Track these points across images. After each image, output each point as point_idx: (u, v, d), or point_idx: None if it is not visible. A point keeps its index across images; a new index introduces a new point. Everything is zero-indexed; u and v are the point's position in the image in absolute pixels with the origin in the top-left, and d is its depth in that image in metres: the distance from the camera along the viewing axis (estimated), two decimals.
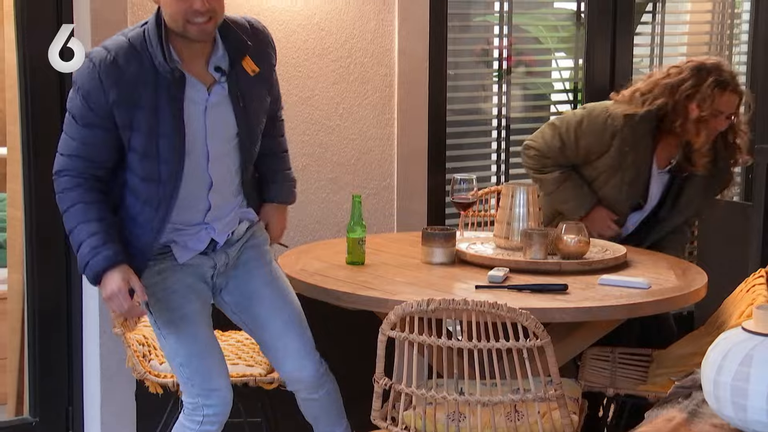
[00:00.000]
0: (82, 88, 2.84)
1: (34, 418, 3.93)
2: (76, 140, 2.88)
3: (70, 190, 2.89)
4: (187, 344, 3.01)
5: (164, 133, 2.87)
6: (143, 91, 2.83)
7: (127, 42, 2.86)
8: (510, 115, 4.77)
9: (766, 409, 1.77)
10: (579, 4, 4.88)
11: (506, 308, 2.75)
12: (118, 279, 2.84)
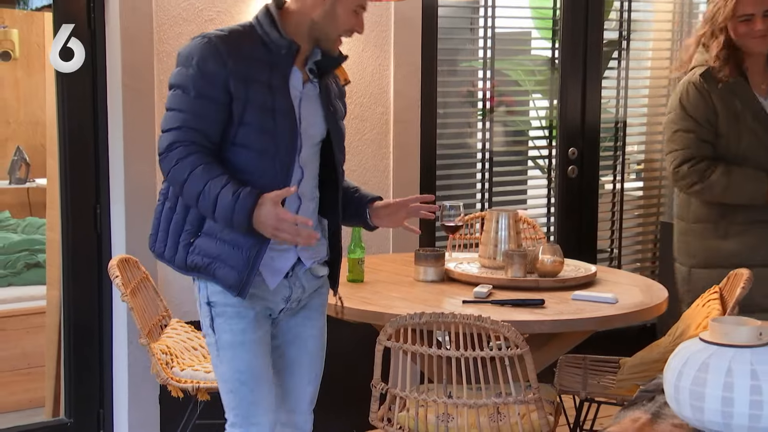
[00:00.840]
0: (198, 58, 2.51)
1: (69, 420, 3.92)
2: (186, 112, 2.53)
3: (185, 158, 2.51)
4: (240, 372, 2.67)
5: (280, 109, 2.57)
6: (258, 66, 2.56)
7: (239, 27, 2.63)
8: (493, 149, 4.77)
9: (720, 411, 1.77)
10: (553, 51, 4.90)
11: (489, 321, 2.75)
12: (270, 207, 2.47)
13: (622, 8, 5.05)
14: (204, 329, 2.73)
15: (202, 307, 2.70)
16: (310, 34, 2.62)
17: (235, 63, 2.52)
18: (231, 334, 2.67)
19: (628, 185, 5.28)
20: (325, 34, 2.62)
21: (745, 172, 3.48)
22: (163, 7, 3.76)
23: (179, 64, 2.57)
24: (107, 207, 3.82)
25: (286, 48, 2.59)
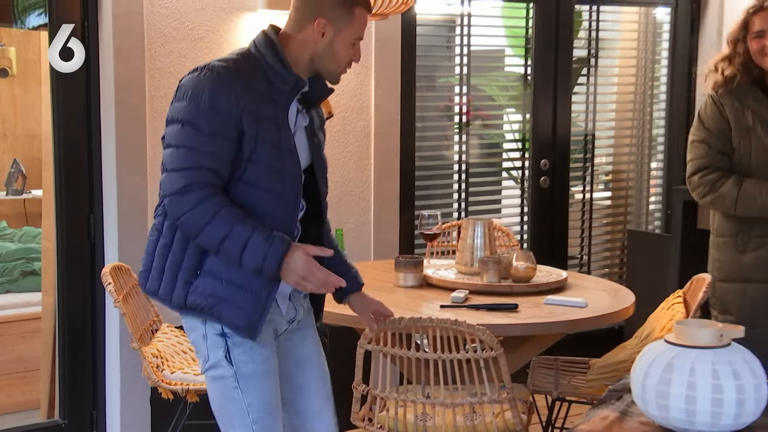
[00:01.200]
0: (210, 94, 2.33)
1: (63, 421, 3.89)
2: (200, 152, 2.32)
3: (205, 200, 2.31)
4: (263, 401, 2.49)
5: (285, 146, 2.43)
6: (265, 102, 2.40)
7: (240, 57, 2.44)
8: (468, 161, 4.78)
9: (683, 409, 1.77)
10: (526, 68, 4.91)
11: (465, 325, 2.75)
12: (302, 256, 2.36)
13: (590, 28, 5.08)
14: (211, 362, 2.49)
15: (211, 339, 2.47)
16: (310, 68, 2.49)
17: (248, 100, 2.36)
18: (254, 364, 2.48)
19: (597, 195, 5.30)
20: (325, 67, 2.50)
21: (759, 184, 3.30)
22: (154, 26, 3.75)
23: (185, 99, 2.36)
24: (100, 217, 3.81)
25: (292, 84, 2.46)
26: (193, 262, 2.43)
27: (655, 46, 5.37)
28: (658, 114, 5.40)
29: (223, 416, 2.52)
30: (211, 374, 2.51)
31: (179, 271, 2.44)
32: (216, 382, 2.51)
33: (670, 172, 5.38)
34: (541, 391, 3.47)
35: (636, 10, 5.31)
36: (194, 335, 2.51)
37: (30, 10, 4.64)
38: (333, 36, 2.46)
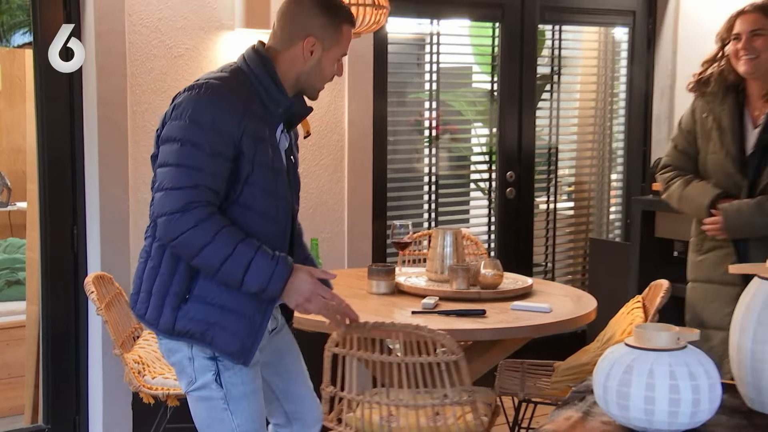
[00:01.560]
0: (212, 114, 2.24)
1: (46, 426, 3.86)
2: (202, 171, 2.22)
3: (206, 219, 2.21)
4: (252, 420, 2.42)
5: (278, 168, 2.37)
6: (262, 124, 2.33)
7: (234, 76, 2.35)
8: (438, 173, 4.79)
9: (643, 409, 1.78)
10: (492, 84, 4.93)
11: (426, 329, 2.74)
12: (307, 277, 2.30)
13: (553, 46, 5.11)
14: (199, 384, 2.39)
15: (199, 362, 2.38)
16: (295, 85, 2.44)
17: (248, 121, 2.28)
18: (243, 386, 2.40)
19: (560, 205, 5.32)
20: (311, 85, 2.46)
21: (698, 186, 3.18)
22: (136, 45, 3.74)
23: (185, 118, 2.25)
24: (83, 228, 3.79)
25: (285, 107, 2.40)
26: (182, 287, 2.33)
27: (614, 64, 5.41)
28: (617, 128, 5.43)
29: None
30: (198, 395, 2.42)
31: (167, 295, 2.33)
32: (203, 402, 2.41)
33: (630, 183, 5.42)
34: (508, 393, 3.48)
35: (596, 29, 5.35)
36: (178, 356, 2.40)
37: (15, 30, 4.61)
38: (321, 54, 2.42)
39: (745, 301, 1.97)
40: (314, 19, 2.41)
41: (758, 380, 1.92)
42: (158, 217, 2.26)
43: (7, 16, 5.34)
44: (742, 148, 3.09)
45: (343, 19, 2.44)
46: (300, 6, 2.43)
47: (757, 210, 3.02)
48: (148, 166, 3.67)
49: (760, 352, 1.91)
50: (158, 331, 2.38)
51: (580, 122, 5.41)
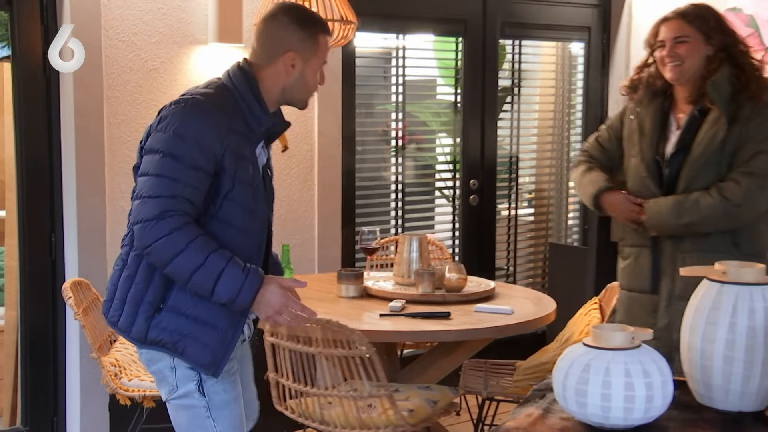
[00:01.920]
0: (195, 129, 2.21)
1: (25, 428, 3.81)
2: (179, 182, 2.19)
3: (181, 228, 2.17)
4: (234, 427, 2.39)
5: (257, 185, 2.35)
6: (244, 141, 2.30)
7: (219, 92, 2.32)
8: (404, 181, 4.80)
9: (600, 405, 1.79)
10: (456, 96, 4.95)
11: (337, 325, 2.76)
12: (277, 289, 2.26)
13: (513, 60, 5.14)
14: (181, 392, 2.35)
15: (181, 372, 2.33)
16: (280, 99, 2.42)
17: (231, 138, 2.26)
18: (225, 394, 2.37)
19: (521, 212, 5.35)
20: (298, 97, 2.44)
21: (593, 175, 3.07)
22: (112, 58, 3.72)
23: (168, 131, 2.22)
24: (61, 236, 3.75)
25: (267, 126, 2.39)
26: (156, 296, 2.29)
27: (571, 77, 5.45)
28: (574, 138, 5.47)
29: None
30: (179, 403, 2.38)
31: (141, 304, 2.29)
32: (185, 410, 2.38)
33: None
34: (472, 391, 3.49)
35: (554, 44, 5.39)
36: (159, 365, 2.36)
37: None
38: (303, 66, 2.40)
39: (694, 303, 1.99)
40: (292, 34, 2.39)
41: (707, 377, 1.95)
42: (134, 224, 2.23)
43: None
44: (662, 153, 2.92)
45: (319, 30, 2.43)
46: (277, 23, 2.42)
47: (674, 209, 2.82)
48: (124, 175, 3.66)
49: (709, 351, 1.93)
50: (131, 338, 2.34)
51: (539, 132, 5.44)
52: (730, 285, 1.94)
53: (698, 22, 2.85)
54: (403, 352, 3.98)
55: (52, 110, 3.69)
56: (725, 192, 2.76)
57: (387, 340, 3.22)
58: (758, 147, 2.76)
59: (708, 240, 2.83)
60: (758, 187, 2.75)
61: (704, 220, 2.79)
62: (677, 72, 2.87)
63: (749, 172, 2.75)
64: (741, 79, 2.81)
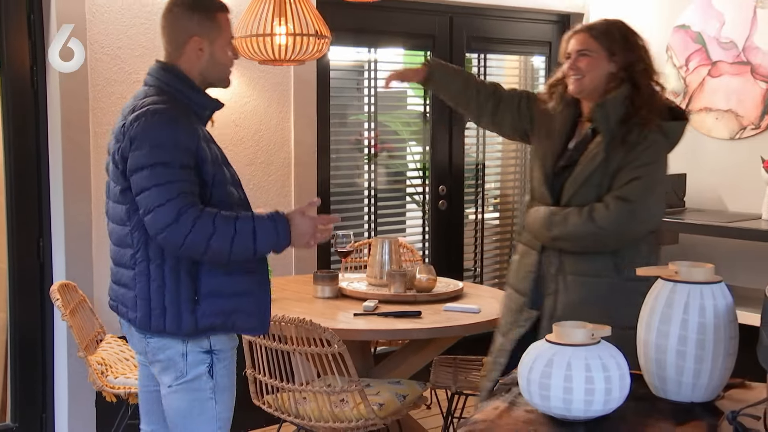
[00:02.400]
0: (170, 136, 2.23)
1: (14, 424, 3.77)
2: (178, 182, 2.21)
3: (200, 216, 2.19)
4: (229, 409, 2.43)
5: (223, 160, 2.38)
6: (201, 128, 2.34)
7: (167, 98, 2.31)
8: (377, 187, 4.81)
9: (562, 398, 1.81)
10: (425, 106, 4.97)
11: (310, 324, 2.77)
12: (302, 218, 2.30)
13: (479, 72, 5.16)
14: (190, 377, 2.35)
15: (193, 357, 2.34)
16: (202, 83, 2.41)
17: (194, 130, 2.28)
18: (228, 378, 2.41)
19: (487, 216, 5.36)
20: (216, 77, 2.42)
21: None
22: (97, 71, 3.69)
23: (145, 146, 2.22)
24: (49, 240, 3.72)
25: (211, 108, 2.41)
26: (190, 292, 2.29)
27: (533, 89, 5.48)
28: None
29: (188, 424, 2.38)
30: (186, 386, 2.36)
31: (180, 303, 2.29)
32: (188, 393, 2.36)
33: None
34: (442, 386, 3.50)
35: (517, 58, 5.43)
36: (169, 353, 2.35)
37: None
38: (211, 48, 2.38)
39: (650, 301, 2.02)
40: (190, 20, 2.38)
41: (662, 370, 1.97)
42: (157, 236, 2.21)
43: None
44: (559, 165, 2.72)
45: (215, 10, 2.41)
46: (173, 14, 2.41)
47: (547, 220, 2.65)
48: None
49: (663, 346, 1.95)
50: (182, 336, 2.32)
51: (504, 141, 5.45)
52: (682, 284, 1.96)
53: (603, 38, 2.63)
54: (376, 350, 3.99)
55: (39, 120, 3.66)
56: (594, 213, 2.55)
57: (361, 338, 3.23)
58: (635, 173, 2.54)
59: (591, 263, 2.61)
60: (628, 213, 2.53)
61: (570, 236, 2.59)
62: (578, 85, 2.66)
63: (622, 197, 2.53)
64: (635, 102, 2.58)
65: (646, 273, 2.14)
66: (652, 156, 2.56)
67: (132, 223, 2.30)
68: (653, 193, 2.56)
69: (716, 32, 4.60)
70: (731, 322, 1.97)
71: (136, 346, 2.47)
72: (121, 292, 2.39)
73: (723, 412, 1.91)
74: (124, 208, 2.32)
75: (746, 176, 4.45)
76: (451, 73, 2.98)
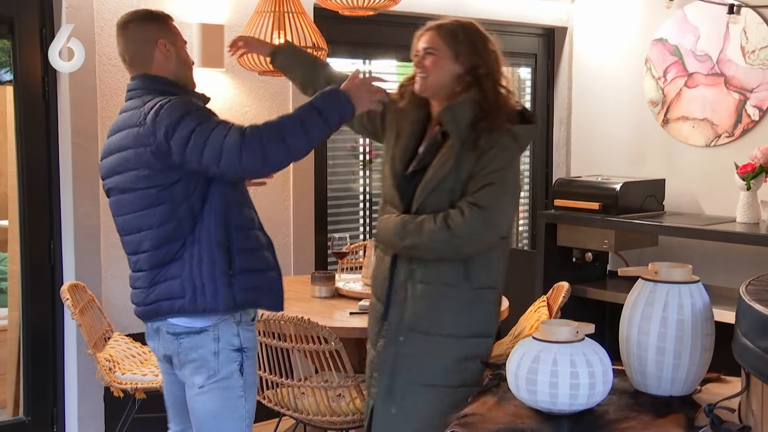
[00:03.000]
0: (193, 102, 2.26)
1: (27, 418, 3.75)
2: (224, 120, 2.21)
3: (256, 125, 2.16)
4: (254, 405, 2.38)
5: None
6: None
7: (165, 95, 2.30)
8: (372, 192, 4.81)
9: (548, 393, 1.81)
10: None
11: (308, 322, 2.76)
12: (352, 83, 2.27)
13: None
14: (222, 375, 2.29)
15: (224, 355, 2.29)
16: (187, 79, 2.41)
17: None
18: (254, 376, 2.36)
19: None
20: (184, 75, 2.41)
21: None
22: (105, 81, 3.68)
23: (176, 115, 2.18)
24: (59, 242, 3.71)
25: (204, 102, 2.37)
26: (224, 265, 2.25)
27: (520, 98, 5.48)
28: (524, 153, 5.49)
29: (218, 424, 2.32)
30: (217, 386, 2.30)
31: (216, 278, 2.24)
32: (220, 392, 2.30)
33: (535, 200, 5.50)
34: None
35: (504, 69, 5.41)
36: (201, 352, 2.30)
37: None
38: (174, 48, 2.39)
39: (632, 299, 2.02)
40: (149, 29, 2.37)
41: (642, 366, 1.97)
42: (239, 162, 2.13)
43: None
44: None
45: (165, 17, 2.42)
46: (131, 30, 2.37)
47: (400, 228, 2.42)
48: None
49: (644, 342, 1.95)
50: (223, 311, 2.26)
51: None
52: (662, 284, 1.97)
53: (450, 38, 2.43)
54: None
55: (50, 129, 3.65)
56: (449, 220, 2.34)
57: (357, 335, 3.21)
58: (488, 179, 2.35)
59: (441, 271, 2.41)
60: (481, 220, 2.33)
61: (425, 244, 2.37)
62: (422, 84, 2.46)
63: (475, 203, 2.34)
64: (483, 106, 2.40)
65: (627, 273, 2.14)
66: (503, 161, 2.37)
67: (180, 214, 2.24)
68: (506, 199, 2.40)
69: (692, 45, 4.61)
70: (708, 319, 1.97)
71: (168, 349, 2.37)
72: (162, 288, 2.29)
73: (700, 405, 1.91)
74: (166, 206, 2.24)
75: (721, 181, 4.46)
76: (301, 58, 2.81)
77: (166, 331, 2.34)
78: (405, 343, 2.44)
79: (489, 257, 2.45)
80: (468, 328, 2.40)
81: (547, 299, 3.41)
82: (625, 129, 4.97)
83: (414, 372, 2.41)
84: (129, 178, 2.29)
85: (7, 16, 3.51)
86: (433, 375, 2.40)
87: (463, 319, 2.40)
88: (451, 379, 2.40)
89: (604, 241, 4.33)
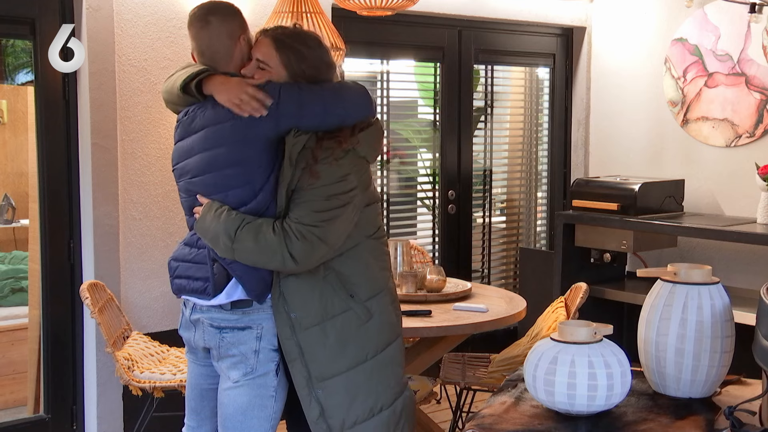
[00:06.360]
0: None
1: (47, 415, 3.78)
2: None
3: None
4: (282, 407, 2.35)
5: None
6: None
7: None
8: (389, 192, 4.80)
9: (566, 394, 1.80)
10: (435, 115, 4.96)
11: None
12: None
13: (486, 83, 5.15)
14: (259, 372, 2.27)
15: (264, 354, 2.27)
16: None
17: None
18: (285, 377, 2.32)
19: (494, 219, 5.35)
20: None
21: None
22: (124, 82, 3.70)
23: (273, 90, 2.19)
24: (79, 241, 3.72)
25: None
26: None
27: (539, 99, 5.46)
28: (542, 153, 5.48)
29: (245, 420, 2.28)
30: (252, 382, 2.27)
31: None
32: (253, 389, 2.27)
33: (553, 200, 5.47)
34: (451, 381, 3.48)
35: (522, 69, 5.41)
36: (242, 348, 2.27)
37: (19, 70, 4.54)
38: (249, 45, 2.33)
39: (650, 300, 2.00)
40: (233, 24, 2.30)
41: (661, 367, 1.95)
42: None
43: (12, 58, 5.27)
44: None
45: (240, 13, 2.35)
46: (213, 26, 2.28)
47: (232, 226, 2.19)
48: (136, 187, 3.65)
49: (663, 344, 1.93)
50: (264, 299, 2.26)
51: (510, 148, 5.45)
52: (681, 285, 1.95)
53: (284, 52, 2.28)
54: None
55: (70, 129, 3.67)
56: (287, 235, 2.18)
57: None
58: (327, 191, 2.20)
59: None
60: (317, 236, 2.18)
61: (255, 250, 2.20)
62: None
63: (309, 223, 2.17)
64: None
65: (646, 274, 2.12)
66: (340, 172, 2.21)
67: (263, 194, 2.21)
68: (345, 212, 2.22)
69: (712, 45, 4.57)
70: (728, 321, 1.95)
71: (208, 342, 2.31)
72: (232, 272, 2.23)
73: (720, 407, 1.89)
74: (252, 186, 2.20)
75: (742, 182, 4.42)
76: None
77: (209, 324, 2.30)
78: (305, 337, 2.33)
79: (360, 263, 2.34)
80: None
81: (564, 300, 3.40)
82: (643, 129, 4.93)
83: None
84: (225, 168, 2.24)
85: (28, 18, 3.53)
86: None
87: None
88: None
89: (623, 242, 4.30)
